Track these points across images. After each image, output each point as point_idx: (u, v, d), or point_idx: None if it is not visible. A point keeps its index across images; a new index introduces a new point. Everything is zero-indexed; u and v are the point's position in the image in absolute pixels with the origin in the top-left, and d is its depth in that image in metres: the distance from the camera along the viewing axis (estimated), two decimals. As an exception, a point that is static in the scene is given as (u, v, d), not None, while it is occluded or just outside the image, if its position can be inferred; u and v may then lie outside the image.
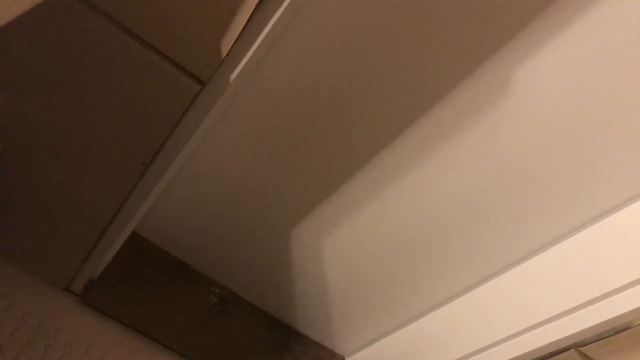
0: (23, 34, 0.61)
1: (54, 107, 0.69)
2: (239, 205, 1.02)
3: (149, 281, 1.10)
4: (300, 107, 0.84)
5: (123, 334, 1.03)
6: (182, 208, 1.05)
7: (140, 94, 0.67)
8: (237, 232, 1.08)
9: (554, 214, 0.87)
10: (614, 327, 0.77)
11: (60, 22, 0.61)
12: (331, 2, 0.71)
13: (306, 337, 1.27)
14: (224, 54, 0.62)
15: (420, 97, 0.80)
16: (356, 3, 0.71)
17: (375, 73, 0.78)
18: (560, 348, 0.82)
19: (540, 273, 0.90)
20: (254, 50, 0.64)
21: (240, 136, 0.90)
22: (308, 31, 0.74)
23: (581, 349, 0.80)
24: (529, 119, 0.78)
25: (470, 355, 0.95)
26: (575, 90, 0.74)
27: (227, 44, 0.62)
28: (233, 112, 0.85)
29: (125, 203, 0.82)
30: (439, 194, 0.90)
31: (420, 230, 0.96)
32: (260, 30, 0.62)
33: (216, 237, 1.10)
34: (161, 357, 1.07)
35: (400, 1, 0.71)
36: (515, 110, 0.78)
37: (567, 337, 0.80)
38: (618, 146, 0.77)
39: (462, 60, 0.75)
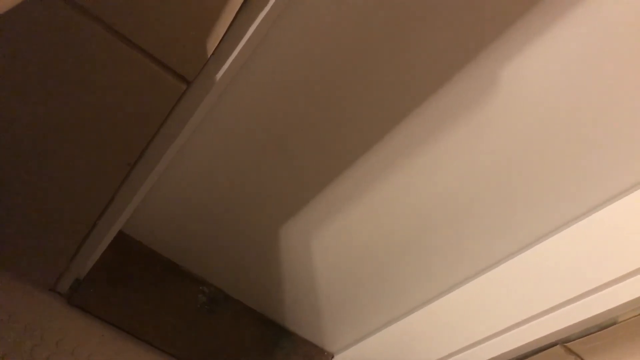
0: (5, 33, 0.60)
1: (38, 107, 0.68)
2: (227, 203, 1.02)
3: (137, 281, 1.09)
4: (288, 106, 0.84)
5: (110, 335, 1.03)
6: (169, 207, 1.04)
7: (125, 93, 0.67)
8: (225, 231, 1.08)
9: (539, 211, 0.87)
10: (599, 323, 0.77)
11: (44, 22, 0.60)
12: (317, 1, 0.71)
13: (296, 335, 1.27)
14: (210, 53, 0.62)
15: (407, 95, 0.80)
16: (342, 1, 0.71)
17: (362, 72, 0.78)
18: (547, 344, 0.83)
19: (526, 270, 0.91)
20: (240, 50, 0.63)
21: (228, 135, 0.89)
22: (294, 30, 0.73)
23: (567, 344, 0.80)
24: (517, 116, 0.79)
25: (458, 352, 0.96)
26: (563, 88, 0.74)
27: (212, 43, 0.62)
28: (220, 111, 0.85)
29: (111, 203, 0.82)
30: (426, 192, 0.91)
31: (408, 228, 0.97)
32: (246, 29, 0.62)
33: (204, 236, 1.09)
34: (149, 357, 1.06)
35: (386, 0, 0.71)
36: (502, 108, 0.78)
37: (553, 333, 0.81)
38: (604, 144, 0.78)
39: (449, 58, 0.75)
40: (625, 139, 0.77)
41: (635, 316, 0.74)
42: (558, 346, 0.81)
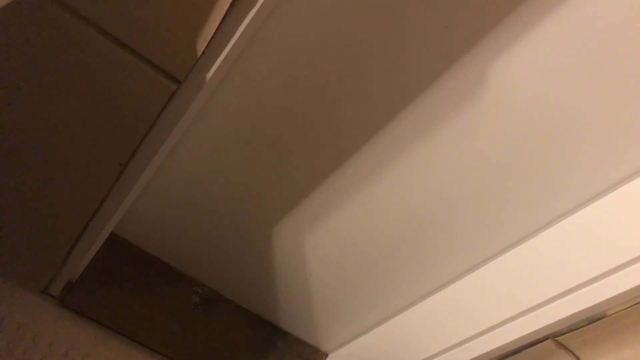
0: (-6, 34, 0.60)
1: (28, 108, 0.68)
2: (219, 203, 1.02)
3: (130, 282, 1.09)
4: (279, 105, 0.84)
5: (104, 337, 1.02)
6: (161, 208, 1.04)
7: (116, 94, 0.67)
8: (218, 231, 1.08)
9: (529, 207, 0.88)
10: (589, 317, 0.78)
11: (34, 23, 0.60)
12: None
13: (290, 335, 1.27)
14: (200, 52, 0.62)
15: (398, 93, 0.80)
16: (332, 0, 0.71)
17: (353, 71, 0.78)
18: (538, 338, 0.83)
19: (516, 266, 0.91)
20: (230, 49, 0.64)
21: (220, 134, 0.89)
22: (284, 28, 0.74)
23: (558, 338, 0.81)
24: (506, 113, 0.79)
25: (451, 348, 0.96)
26: (552, 84, 0.75)
27: (202, 42, 0.62)
28: (212, 111, 0.85)
29: (103, 204, 0.82)
30: (416, 191, 0.91)
31: (400, 226, 0.97)
32: (236, 28, 0.62)
33: (197, 236, 1.09)
34: (143, 358, 1.06)
35: (375, -1, 0.71)
36: (492, 104, 0.79)
37: (544, 328, 0.81)
38: (592, 139, 0.79)
39: (438, 56, 0.76)
40: (615, 135, 0.77)
41: (624, 309, 0.75)
42: (548, 340, 0.82)
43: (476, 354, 0.90)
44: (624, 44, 0.70)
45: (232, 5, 0.60)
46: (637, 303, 0.74)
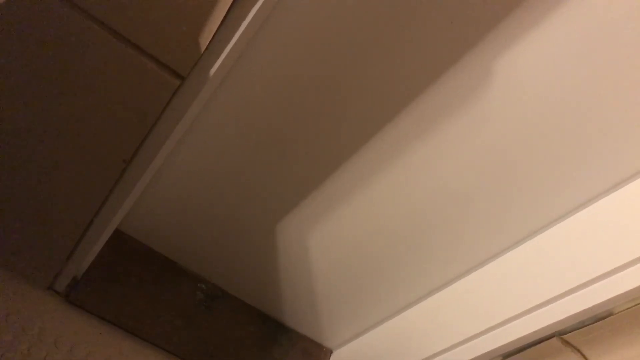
0: (-3, 30, 0.60)
1: (32, 105, 0.68)
2: (224, 200, 1.02)
3: (134, 279, 1.09)
4: (283, 101, 0.84)
5: (108, 333, 1.03)
6: (166, 204, 1.04)
7: (119, 90, 0.67)
8: (223, 228, 1.08)
9: (535, 205, 0.87)
10: (595, 315, 0.78)
11: (37, 19, 0.60)
12: (310, -5, 0.71)
13: (294, 332, 1.27)
14: (203, 48, 0.62)
15: (402, 89, 0.80)
16: (336, -4, 0.71)
17: (357, 66, 0.78)
18: (544, 336, 0.83)
19: (522, 263, 0.91)
20: (233, 45, 0.63)
21: (224, 131, 0.89)
22: (288, 24, 0.73)
23: (564, 336, 0.81)
24: (512, 109, 0.79)
25: (456, 346, 0.96)
26: (557, 80, 0.75)
27: (205, 38, 0.62)
28: (216, 106, 0.84)
29: (107, 201, 0.82)
30: (423, 187, 0.91)
31: (405, 223, 0.97)
32: (239, 24, 0.62)
33: (201, 233, 1.09)
34: (148, 355, 1.06)
35: (380, -6, 0.71)
36: (497, 101, 0.78)
37: (550, 326, 0.81)
38: (599, 136, 0.78)
39: (443, 52, 0.75)
40: (619, 131, 0.77)
41: (631, 307, 0.74)
42: (555, 338, 0.81)
43: (481, 352, 0.90)
44: (631, 42, 0.69)
45: (235, 0, 0.59)
46: (645, 301, 0.73)
